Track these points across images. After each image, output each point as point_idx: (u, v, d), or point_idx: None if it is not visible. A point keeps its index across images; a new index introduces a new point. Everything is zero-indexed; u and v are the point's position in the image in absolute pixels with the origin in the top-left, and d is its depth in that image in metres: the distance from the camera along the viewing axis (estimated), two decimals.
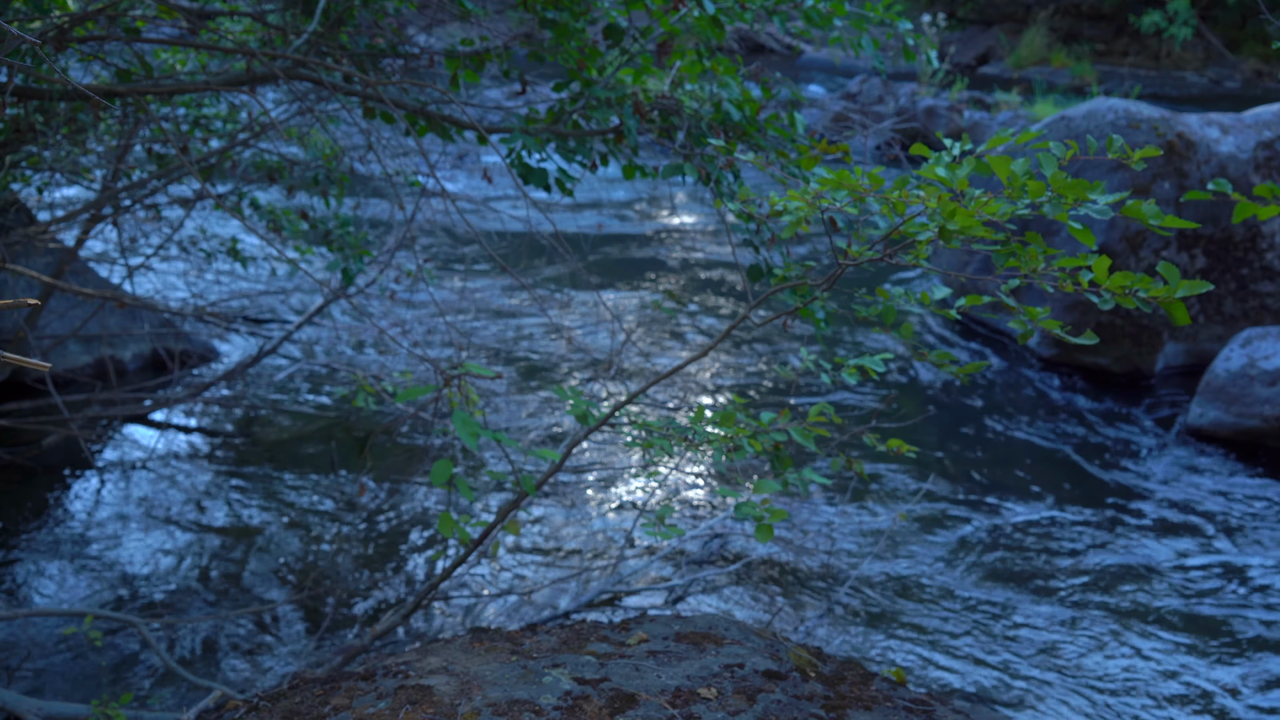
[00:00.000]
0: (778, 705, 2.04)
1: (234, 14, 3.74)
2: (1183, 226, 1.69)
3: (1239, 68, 17.44)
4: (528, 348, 5.88)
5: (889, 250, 1.98)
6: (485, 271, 7.15)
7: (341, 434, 4.81)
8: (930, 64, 3.22)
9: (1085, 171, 5.63)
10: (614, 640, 2.36)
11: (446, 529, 2.35)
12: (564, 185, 3.13)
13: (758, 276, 2.93)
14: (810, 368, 2.45)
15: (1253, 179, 5.75)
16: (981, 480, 4.61)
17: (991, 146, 1.84)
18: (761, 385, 5.55)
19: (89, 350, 5.16)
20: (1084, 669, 3.34)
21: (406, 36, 3.80)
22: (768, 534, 2.11)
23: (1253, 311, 5.87)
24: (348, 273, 4.26)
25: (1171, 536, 4.16)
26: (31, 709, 2.63)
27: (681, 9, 2.98)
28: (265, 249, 5.73)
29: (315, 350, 5.72)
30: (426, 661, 2.23)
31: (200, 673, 3.22)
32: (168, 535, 3.98)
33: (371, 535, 4.03)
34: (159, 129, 3.83)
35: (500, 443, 2.29)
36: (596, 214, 8.83)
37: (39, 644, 3.32)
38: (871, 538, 4.08)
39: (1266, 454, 4.85)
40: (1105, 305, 1.73)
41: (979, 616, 3.61)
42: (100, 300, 4.28)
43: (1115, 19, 18.48)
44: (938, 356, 2.25)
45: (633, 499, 4.38)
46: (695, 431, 2.36)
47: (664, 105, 3.08)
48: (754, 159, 2.29)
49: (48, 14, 2.99)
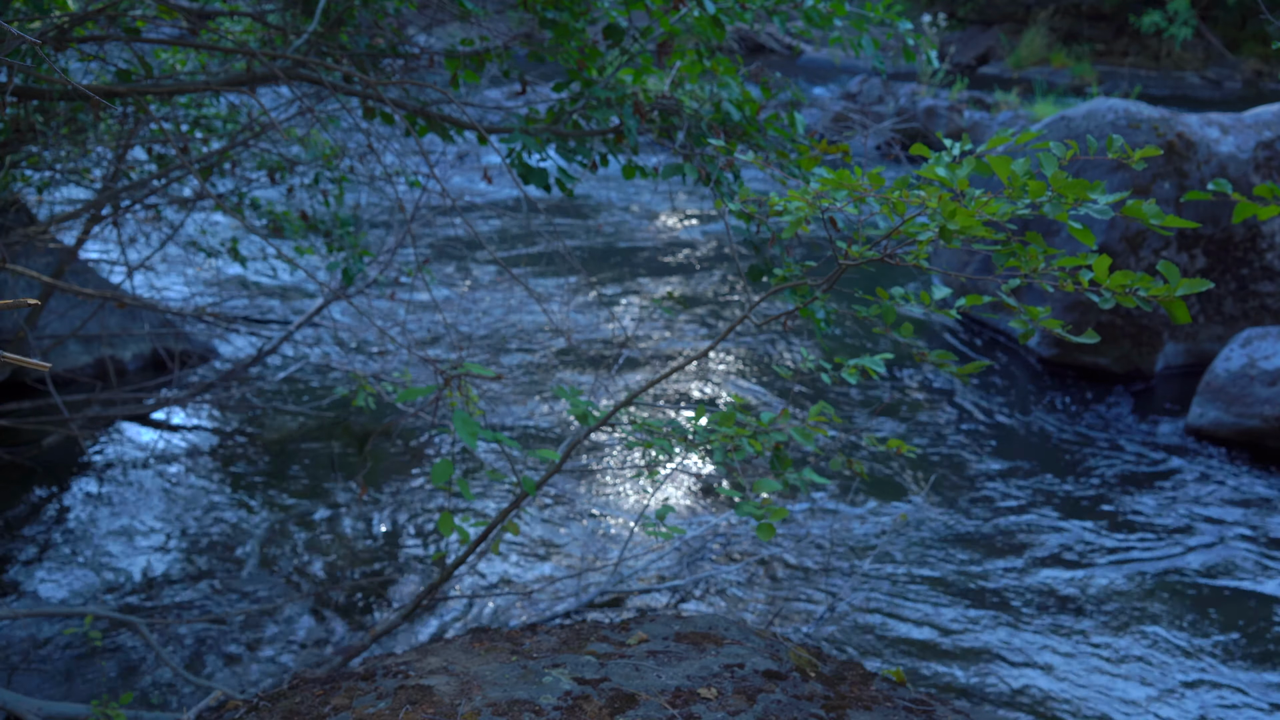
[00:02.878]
0: (778, 705, 2.04)
1: (234, 14, 3.74)
2: (1183, 226, 1.69)
3: (1239, 68, 17.44)
4: (528, 348, 5.88)
5: (889, 250, 1.98)
6: (485, 272, 7.15)
7: (341, 434, 4.81)
8: (930, 64, 3.22)
9: (1085, 171, 5.63)
10: (614, 640, 2.36)
11: (446, 529, 2.35)
12: (564, 185, 3.13)
13: (758, 276, 2.93)
14: (810, 367, 2.45)
15: (1253, 179, 5.75)
16: (981, 480, 4.61)
17: (991, 146, 1.84)
18: (761, 385, 5.55)
19: (89, 350, 5.16)
20: (1084, 669, 3.34)
21: (406, 36, 3.80)
22: (769, 533, 2.11)
23: (1253, 311, 5.87)
24: (348, 273, 4.26)
25: (1172, 537, 4.16)
26: (31, 709, 2.63)
27: (681, 9, 2.98)
28: (265, 249, 5.73)
29: (315, 350, 5.72)
30: (426, 661, 2.23)
31: (200, 673, 3.22)
32: (168, 535, 3.98)
33: (371, 535, 4.03)
34: (159, 129, 3.83)
35: (500, 443, 2.29)
36: (597, 214, 8.83)
37: (39, 644, 3.32)
38: (872, 538, 4.08)
39: (1266, 454, 4.85)
40: (1106, 304, 1.73)
41: (979, 617, 3.61)
42: (100, 300, 4.28)
43: (1115, 19, 18.49)
44: (938, 356, 2.25)
45: (633, 499, 4.38)
46: (695, 431, 2.36)
47: (664, 105, 3.08)
48: (754, 159, 2.29)
49: (48, 14, 2.99)
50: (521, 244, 7.82)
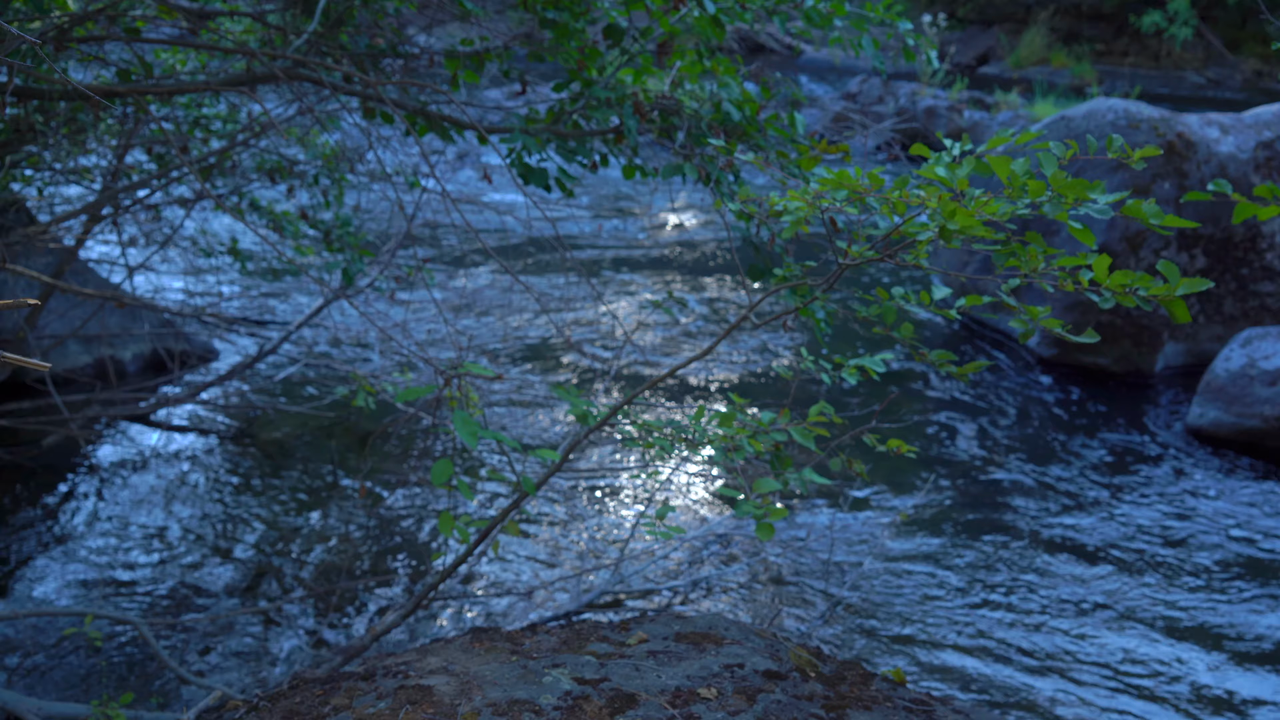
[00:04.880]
0: (778, 705, 2.04)
1: (234, 14, 3.73)
2: (1183, 226, 1.69)
3: (1239, 68, 17.44)
4: (528, 348, 5.88)
5: (889, 250, 1.97)
6: (485, 272, 7.15)
7: (341, 434, 4.81)
8: (930, 64, 3.22)
9: (1085, 171, 5.63)
10: (614, 640, 2.36)
11: (446, 529, 2.35)
12: (564, 185, 3.13)
13: (758, 276, 2.93)
14: (810, 367, 2.45)
15: (1253, 179, 5.75)
16: (980, 481, 4.61)
17: (992, 146, 1.84)
18: (761, 385, 5.55)
19: (89, 350, 5.16)
20: (1085, 669, 3.34)
21: (406, 36, 3.80)
22: (769, 532, 2.11)
23: (1253, 311, 5.86)
24: (348, 273, 4.26)
25: (1172, 537, 4.16)
26: (31, 709, 2.63)
27: (681, 9, 2.98)
28: (265, 249, 5.73)
29: (315, 350, 5.72)
30: (426, 661, 2.23)
31: (200, 673, 3.22)
32: (168, 535, 3.98)
33: (371, 535, 4.03)
34: (159, 129, 3.83)
35: (500, 442, 2.29)
36: (597, 214, 8.83)
37: (39, 644, 3.32)
38: (872, 538, 4.08)
39: (1266, 454, 4.85)
40: (1106, 304, 1.73)
41: (979, 616, 3.61)
42: (100, 300, 4.28)
43: (1115, 19, 18.49)
44: (937, 356, 2.25)
45: (633, 499, 4.38)
46: (695, 431, 2.36)
47: (664, 105, 3.08)
48: (754, 159, 2.29)
49: (48, 14, 2.99)
50: (521, 244, 7.82)
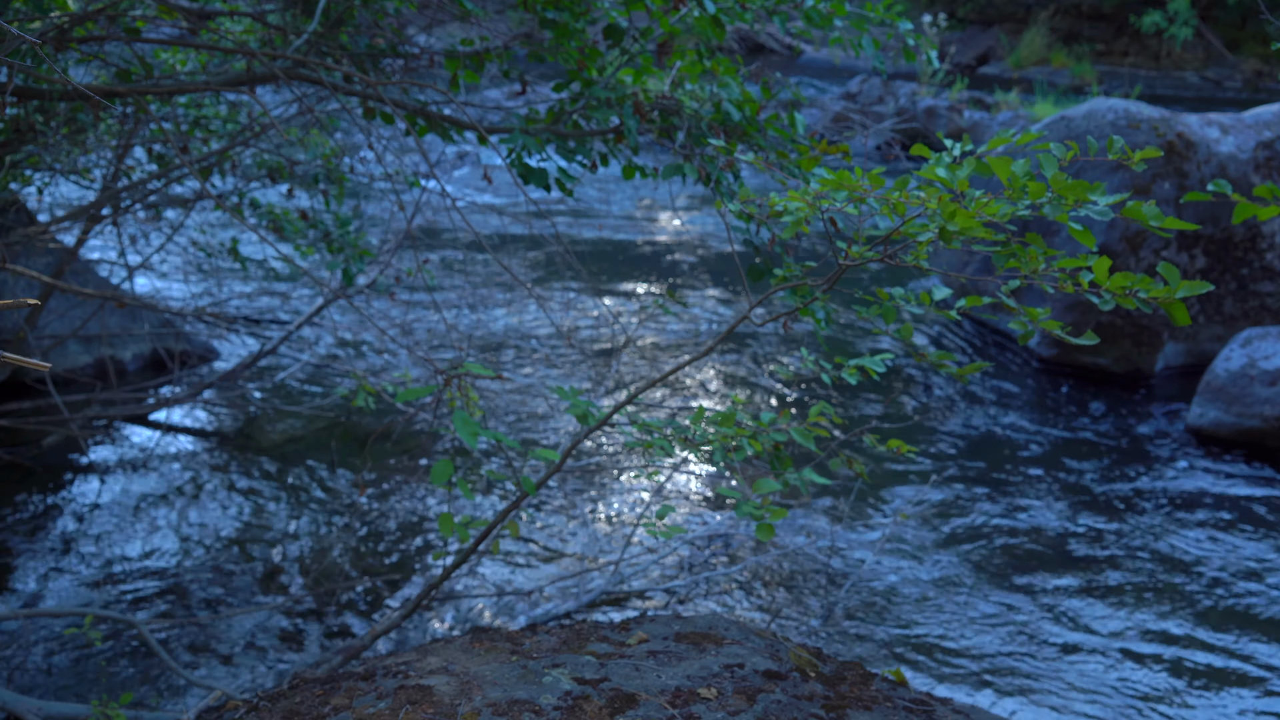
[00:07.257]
0: (778, 705, 2.04)
1: (234, 14, 3.74)
2: (1183, 227, 1.69)
3: (1239, 68, 17.45)
4: (528, 348, 5.88)
5: (889, 251, 1.98)
6: (485, 272, 7.15)
7: (341, 434, 4.81)
8: (930, 64, 3.22)
9: (1085, 172, 5.63)
10: (614, 640, 2.36)
11: (446, 529, 2.35)
12: (564, 185, 3.13)
13: (758, 276, 2.93)
14: (810, 368, 2.45)
15: (1253, 179, 5.75)
16: (981, 481, 4.61)
17: (992, 147, 1.84)
18: (762, 385, 5.55)
19: (89, 350, 5.16)
20: (1085, 669, 3.34)
21: (406, 36, 3.80)
22: (769, 533, 2.11)
23: (1253, 311, 5.87)
24: (348, 273, 4.26)
25: (1172, 537, 4.16)
26: (31, 709, 2.63)
27: (681, 9, 2.98)
28: (265, 249, 5.73)
29: (315, 350, 5.72)
30: (426, 661, 2.23)
31: (200, 673, 3.22)
32: (168, 535, 3.98)
33: (371, 535, 4.03)
34: (159, 129, 3.83)
35: (500, 443, 2.29)
36: (597, 214, 8.84)
37: (39, 644, 3.32)
38: (872, 538, 4.08)
39: (1267, 454, 4.85)
40: (1106, 306, 1.73)
41: (979, 617, 3.61)
42: (100, 300, 4.28)
43: (1115, 19, 18.49)
44: (937, 357, 2.25)
45: (633, 499, 4.38)
46: (695, 431, 2.36)
47: (664, 105, 3.08)
48: (754, 159, 2.29)
49: (48, 14, 2.99)
50: (522, 244, 7.82)
